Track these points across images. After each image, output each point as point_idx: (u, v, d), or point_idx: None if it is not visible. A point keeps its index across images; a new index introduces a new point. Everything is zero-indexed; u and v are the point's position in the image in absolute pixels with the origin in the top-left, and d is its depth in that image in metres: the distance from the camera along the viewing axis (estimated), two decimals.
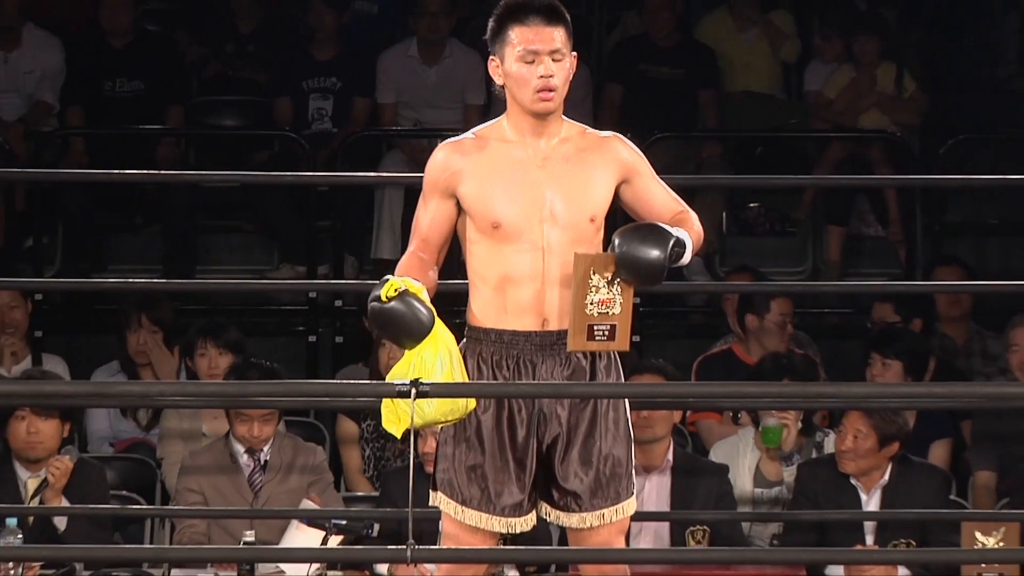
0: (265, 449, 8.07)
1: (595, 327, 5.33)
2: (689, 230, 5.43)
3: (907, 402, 8.22)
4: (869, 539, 7.81)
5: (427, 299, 5.29)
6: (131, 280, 10.14)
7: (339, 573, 7.50)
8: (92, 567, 7.59)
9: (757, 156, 11.06)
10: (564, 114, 5.51)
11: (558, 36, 5.44)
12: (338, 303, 10.33)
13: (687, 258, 5.40)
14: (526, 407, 5.41)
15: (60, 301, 10.34)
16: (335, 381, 9.36)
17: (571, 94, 5.59)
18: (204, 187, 10.68)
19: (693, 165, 10.75)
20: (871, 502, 7.84)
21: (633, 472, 5.52)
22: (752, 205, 10.95)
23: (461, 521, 5.43)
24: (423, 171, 7.53)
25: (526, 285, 5.41)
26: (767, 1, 11.41)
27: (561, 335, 5.39)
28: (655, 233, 5.35)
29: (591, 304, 5.32)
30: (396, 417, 5.30)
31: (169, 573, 7.73)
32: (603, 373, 5.46)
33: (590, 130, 5.55)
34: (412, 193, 10.33)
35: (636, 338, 10.00)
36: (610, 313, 5.34)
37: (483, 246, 5.44)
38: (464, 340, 5.43)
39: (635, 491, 5.54)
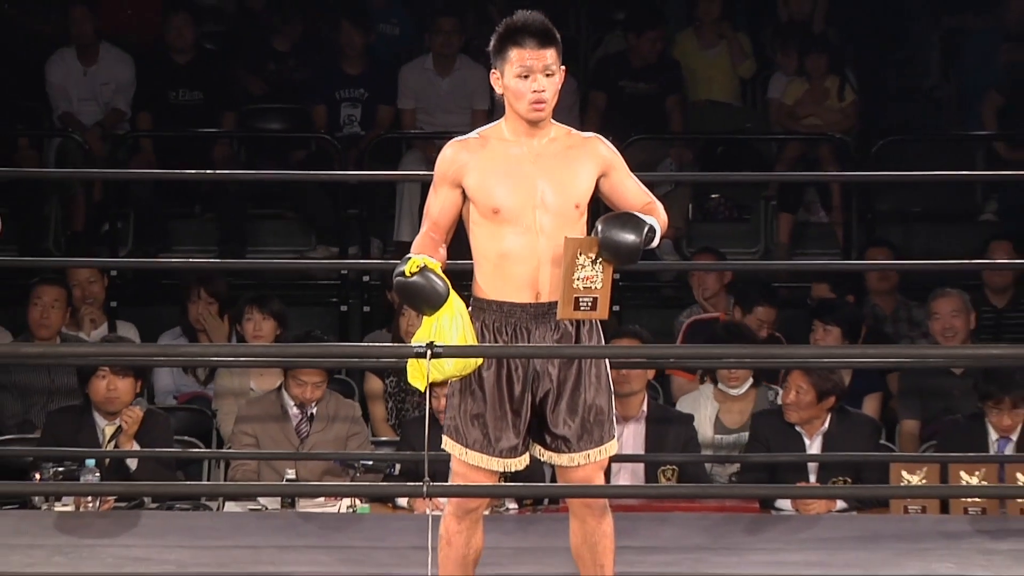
0: (313, 404, 8.10)
1: (580, 299, 5.35)
2: (657, 218, 5.44)
3: (844, 362, 8.26)
4: (812, 477, 7.82)
5: (443, 274, 5.32)
6: (191, 260, 10.17)
7: (367, 506, 7.52)
8: (158, 501, 7.63)
9: (718, 155, 11.07)
10: (554, 118, 5.52)
11: (550, 56, 5.44)
12: (365, 278, 10.34)
13: (656, 241, 5.44)
14: (522, 366, 5.43)
15: (131, 277, 10.34)
16: (363, 344, 9.39)
17: (561, 101, 5.60)
18: (252, 181, 10.68)
19: (667, 163, 10.78)
20: (813, 446, 7.85)
21: (614, 419, 5.53)
22: (713, 196, 10.97)
23: (466, 462, 5.48)
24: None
25: (522, 263, 5.41)
26: (729, 23, 11.42)
27: (552, 306, 5.40)
28: (632, 221, 5.37)
29: (578, 280, 5.34)
30: (420, 374, 5.34)
31: (223, 506, 7.78)
32: (587, 337, 5.47)
33: (575, 131, 5.55)
34: (428, 186, 10.31)
35: (616, 308, 10.03)
36: (593, 287, 5.36)
37: (485, 228, 5.44)
38: (470, 309, 5.45)
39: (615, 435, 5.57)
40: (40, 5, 11.59)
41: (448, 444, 5.47)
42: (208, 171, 10.16)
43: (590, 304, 5.36)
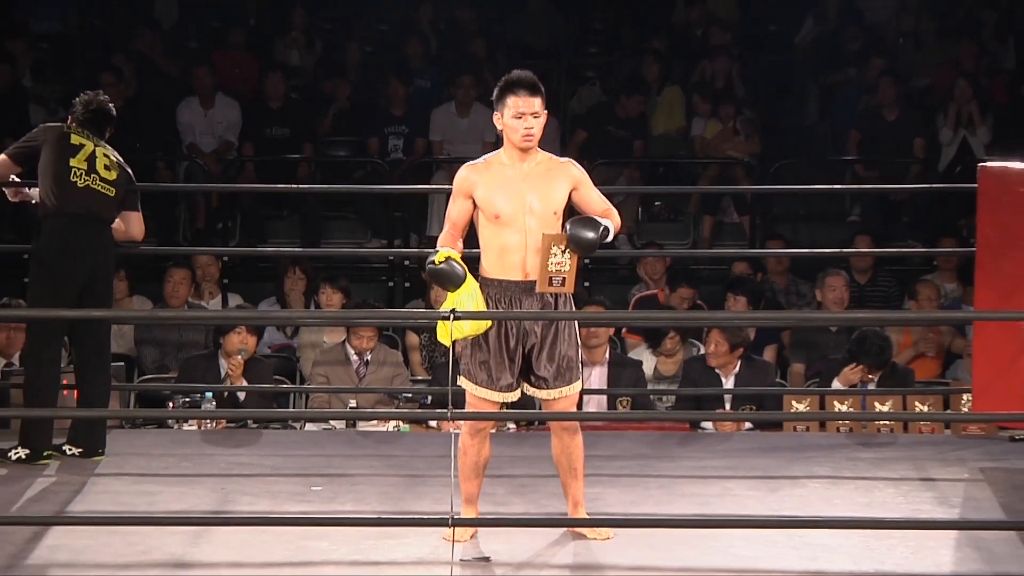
0: (368, 353, 8.05)
1: (553, 278, 5.33)
2: (612, 220, 5.42)
3: (749, 322, 8.25)
4: (727, 406, 7.80)
5: (462, 261, 5.29)
6: (281, 249, 10.16)
7: (408, 427, 7.49)
8: (257, 422, 7.59)
9: (660, 174, 11.03)
10: (540, 146, 5.49)
11: (537, 103, 5.40)
12: (406, 263, 10.32)
13: (611, 237, 5.41)
14: (516, 326, 5.40)
15: (238, 261, 10.31)
16: (404, 310, 9.35)
17: (546, 135, 5.56)
18: (325, 192, 10.64)
19: (621, 180, 10.74)
20: (728, 383, 7.82)
21: (580, 366, 5.50)
22: (656, 203, 10.94)
23: (476, 395, 5.44)
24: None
25: (515, 252, 5.37)
26: (668, 80, 11.38)
27: (534, 282, 5.36)
28: (592, 223, 5.34)
29: (552, 264, 5.31)
30: (446, 333, 5.30)
31: (304, 426, 7.73)
32: (563, 306, 5.45)
33: (554, 156, 5.51)
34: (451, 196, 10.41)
35: (586, 284, 10.01)
36: (563, 270, 5.33)
37: (489, 229, 5.41)
38: (478, 285, 5.42)
39: (583, 378, 5.53)
40: (174, 65, 11.58)
41: (463, 382, 5.45)
42: (293, 185, 10.10)
43: (560, 282, 5.33)
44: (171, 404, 7.58)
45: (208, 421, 7.35)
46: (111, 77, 10.69)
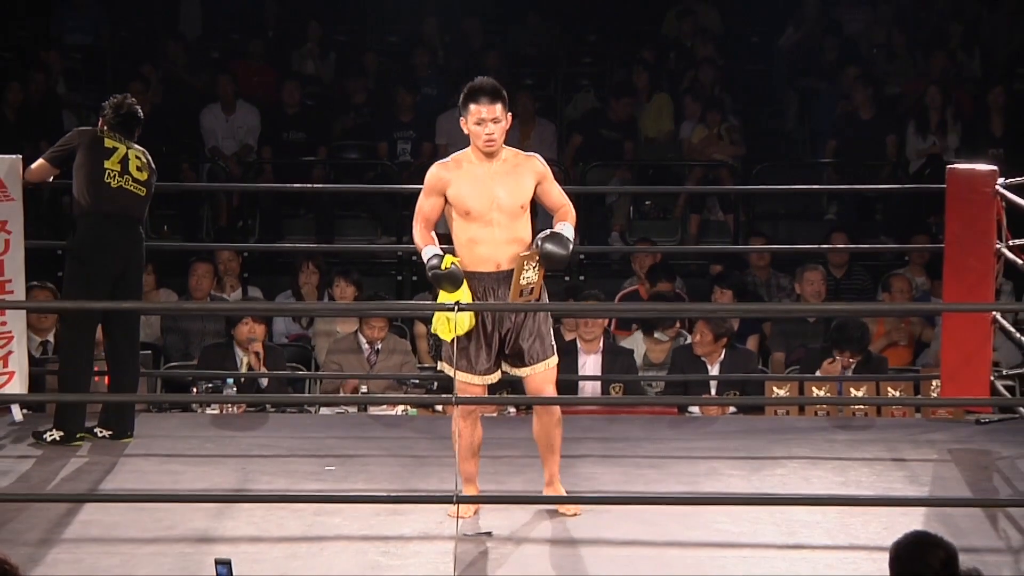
0: (379, 342, 8.03)
1: (523, 290, 5.30)
2: (570, 221, 5.38)
3: (733, 313, 8.24)
4: (713, 391, 7.78)
5: (460, 266, 5.28)
6: (297, 245, 10.10)
7: (415, 411, 7.47)
8: (275, 407, 7.58)
9: (650, 175, 11.01)
10: (539, 151, 5.45)
11: (497, 109, 5.34)
12: (414, 258, 10.24)
13: (573, 240, 5.35)
14: (491, 313, 5.38)
15: (258, 256, 10.29)
16: (412, 302, 9.35)
17: (545, 140, 5.55)
18: (339, 192, 10.61)
19: (615, 180, 10.72)
20: (713, 370, 7.79)
21: (553, 343, 5.46)
22: (647, 202, 10.92)
23: (460, 380, 5.39)
24: None
25: (485, 245, 5.34)
26: (657, 88, 11.36)
27: (508, 272, 5.33)
28: (561, 240, 5.29)
29: (523, 279, 5.28)
30: (447, 331, 5.31)
31: (319, 410, 7.72)
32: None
33: (520, 152, 5.47)
34: None
35: (582, 277, 10.00)
36: (532, 283, 5.31)
37: (460, 223, 5.38)
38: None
39: (558, 358, 5.49)
40: (198, 74, 11.57)
41: (444, 367, 5.43)
42: (309, 186, 10.08)
43: (530, 292, 5.33)
44: (195, 390, 7.57)
45: (229, 405, 7.34)
46: (139, 85, 10.68)
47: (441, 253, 5.29)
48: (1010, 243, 6.84)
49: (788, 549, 5.20)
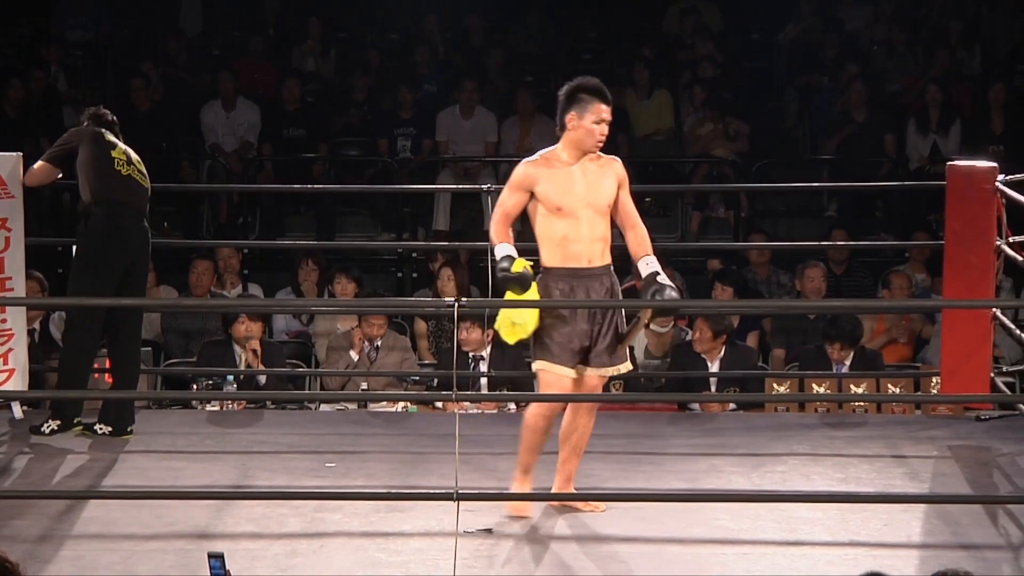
0: (379, 339, 8.02)
1: (628, 339, 5.43)
2: (650, 251, 5.48)
3: (734, 310, 8.23)
4: (713, 388, 7.77)
5: (530, 271, 5.31)
6: (297, 242, 10.11)
7: (415, 407, 7.47)
8: (275, 403, 7.57)
9: (650, 172, 11.00)
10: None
11: (610, 111, 5.46)
12: (414, 255, 10.29)
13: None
14: (587, 311, 5.39)
15: (258, 253, 10.30)
16: (412, 299, 9.33)
17: (544, 136, 5.57)
18: (339, 190, 10.61)
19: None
20: (713, 367, 7.79)
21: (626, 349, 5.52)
22: (647, 199, 10.89)
23: (556, 372, 5.33)
24: (465, 182, 7.20)
25: (576, 242, 5.35)
26: (658, 83, 11.35)
27: (595, 269, 5.37)
28: (668, 290, 5.36)
29: (634, 333, 5.42)
30: (511, 334, 5.33)
31: (319, 407, 7.72)
32: (617, 293, 5.48)
33: (604, 155, 5.50)
34: (456, 195, 10.40)
35: None
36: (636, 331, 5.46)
37: (548, 219, 5.37)
38: (540, 275, 5.39)
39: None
40: (199, 71, 11.56)
41: (542, 364, 5.36)
42: (308, 187, 10.08)
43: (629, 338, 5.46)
44: (195, 386, 7.56)
45: (229, 402, 7.33)
46: (140, 82, 10.69)
47: (514, 256, 5.29)
48: (1010, 240, 6.84)
49: (788, 546, 5.20)
